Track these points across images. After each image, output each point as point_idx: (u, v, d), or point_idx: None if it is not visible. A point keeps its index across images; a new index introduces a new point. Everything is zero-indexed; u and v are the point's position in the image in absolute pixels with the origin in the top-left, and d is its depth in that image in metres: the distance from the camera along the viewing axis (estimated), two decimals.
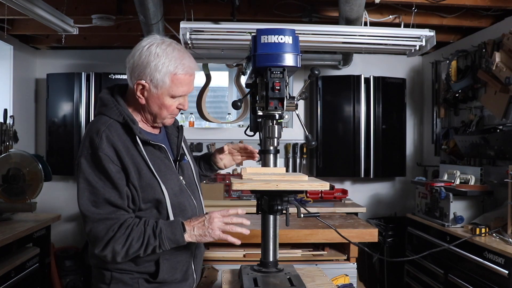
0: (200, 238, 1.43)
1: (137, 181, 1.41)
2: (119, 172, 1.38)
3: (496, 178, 3.08)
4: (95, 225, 1.36)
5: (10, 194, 2.98)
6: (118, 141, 1.40)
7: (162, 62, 1.42)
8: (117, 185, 1.37)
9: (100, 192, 1.36)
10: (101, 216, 1.36)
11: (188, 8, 3.17)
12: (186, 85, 1.48)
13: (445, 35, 3.86)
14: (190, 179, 1.63)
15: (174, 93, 1.46)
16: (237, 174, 4.24)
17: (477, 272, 2.72)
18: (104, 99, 1.50)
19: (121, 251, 1.36)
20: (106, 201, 1.36)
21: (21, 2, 2.65)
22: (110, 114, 1.46)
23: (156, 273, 1.46)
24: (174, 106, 1.50)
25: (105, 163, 1.36)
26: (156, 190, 1.44)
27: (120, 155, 1.39)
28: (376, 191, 4.56)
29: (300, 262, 2.42)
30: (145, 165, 1.43)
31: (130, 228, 1.37)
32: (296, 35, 1.65)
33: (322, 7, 3.40)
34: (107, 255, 1.37)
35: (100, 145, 1.37)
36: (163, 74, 1.42)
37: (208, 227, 1.42)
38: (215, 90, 4.85)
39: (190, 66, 1.47)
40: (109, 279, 1.45)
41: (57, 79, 4.12)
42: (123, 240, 1.36)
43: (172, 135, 1.65)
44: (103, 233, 1.35)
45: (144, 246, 1.37)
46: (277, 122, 1.71)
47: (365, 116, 4.18)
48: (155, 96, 1.46)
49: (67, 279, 3.92)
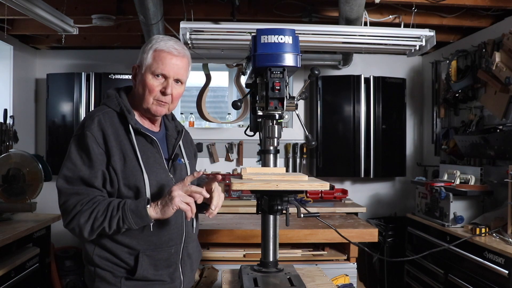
0: (162, 210, 1.40)
1: (119, 166, 1.45)
2: (102, 154, 1.44)
3: (496, 178, 3.08)
4: (66, 199, 1.42)
5: (10, 194, 2.98)
6: (109, 127, 1.47)
7: (151, 44, 1.53)
8: (95, 165, 1.43)
9: (76, 169, 1.43)
10: (73, 191, 1.42)
11: (188, 8, 3.17)
12: (168, 64, 1.51)
13: (445, 35, 3.86)
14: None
15: (154, 69, 1.51)
16: (237, 174, 4.24)
17: (477, 272, 2.72)
18: (109, 93, 1.59)
19: (86, 224, 1.39)
20: (79, 178, 1.42)
21: (21, 2, 2.65)
22: (109, 104, 1.54)
23: (135, 268, 1.46)
24: (157, 88, 1.52)
25: (89, 141, 1.43)
26: (137, 177, 1.47)
27: (106, 139, 1.45)
28: (376, 191, 4.56)
29: (300, 262, 2.42)
30: (132, 152, 1.48)
31: (97, 203, 1.41)
32: (296, 35, 1.65)
33: (322, 7, 3.40)
34: (74, 229, 1.41)
35: (89, 125, 1.45)
36: (147, 52, 1.53)
37: (167, 196, 1.40)
38: (215, 90, 4.85)
39: (174, 47, 1.53)
40: (93, 275, 1.48)
41: (57, 79, 4.12)
42: (88, 213, 1.39)
43: (171, 136, 1.66)
44: (71, 207, 1.41)
45: (108, 219, 1.39)
46: (277, 122, 1.71)
47: (365, 116, 4.18)
48: (140, 76, 1.53)
49: (67, 279, 3.92)
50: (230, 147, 4.42)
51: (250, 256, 2.45)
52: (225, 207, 3.59)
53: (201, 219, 1.81)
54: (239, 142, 4.41)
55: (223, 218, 2.94)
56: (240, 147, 4.40)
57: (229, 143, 4.42)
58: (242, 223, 2.74)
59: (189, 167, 1.68)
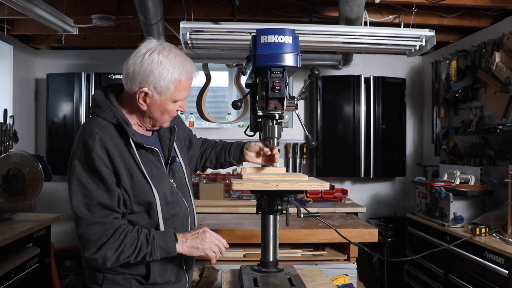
0: (191, 250, 1.46)
1: (128, 185, 1.41)
2: (111, 175, 1.38)
3: (496, 178, 3.08)
4: (88, 228, 1.36)
5: (10, 194, 2.98)
6: (111, 143, 1.40)
7: (166, 69, 1.41)
8: (109, 187, 1.38)
9: (93, 195, 1.36)
10: (95, 219, 1.36)
11: (188, 8, 3.17)
12: (188, 89, 1.50)
13: (445, 35, 3.86)
14: (181, 182, 1.61)
15: (176, 98, 1.47)
16: (237, 174, 4.24)
17: (477, 272, 2.72)
18: (97, 100, 1.48)
19: (113, 256, 1.37)
20: (99, 203, 1.37)
21: (21, 2, 2.65)
22: (104, 115, 1.45)
23: (148, 275, 1.47)
24: (175, 110, 1.51)
25: (98, 165, 1.36)
26: (147, 193, 1.44)
27: (112, 158, 1.39)
28: (376, 191, 4.56)
29: (300, 262, 2.42)
30: (137, 168, 1.44)
31: (124, 234, 1.38)
32: (296, 35, 1.65)
33: (322, 7, 3.40)
34: (97, 259, 1.37)
35: (93, 147, 1.37)
36: (167, 81, 1.42)
37: (201, 239, 1.46)
38: (215, 90, 4.85)
39: (192, 70, 1.48)
40: (101, 279, 1.46)
41: (57, 79, 4.12)
42: (116, 246, 1.36)
43: (164, 137, 1.62)
44: (96, 237, 1.36)
45: (136, 253, 1.39)
46: (277, 122, 1.71)
47: (365, 116, 4.18)
48: (158, 102, 1.45)
49: (67, 279, 3.92)
50: None
51: (250, 256, 2.45)
52: (225, 207, 3.60)
53: (201, 219, 1.81)
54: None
55: (223, 218, 2.94)
56: None
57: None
58: (242, 223, 2.74)
59: (184, 166, 1.67)
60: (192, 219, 1.62)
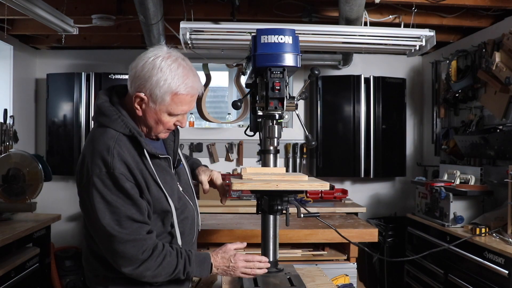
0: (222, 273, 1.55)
1: (148, 197, 1.40)
2: (134, 188, 1.36)
3: (496, 178, 3.08)
4: (123, 245, 1.33)
5: (10, 194, 2.98)
6: (128, 156, 1.37)
7: (164, 78, 1.35)
8: (136, 201, 1.36)
9: (121, 211, 1.33)
10: (130, 237, 1.33)
11: (188, 8, 3.17)
12: (187, 104, 1.42)
13: (445, 35, 3.86)
14: (186, 184, 1.61)
15: (173, 111, 1.41)
16: (237, 174, 4.23)
17: (477, 272, 2.72)
18: (104, 108, 1.41)
19: (148, 276, 1.38)
20: (128, 218, 1.34)
21: (21, 2, 2.65)
22: (115, 126, 1.39)
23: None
24: (172, 123, 1.45)
25: (122, 182, 1.33)
26: (163, 204, 1.43)
27: (132, 172, 1.36)
28: (376, 191, 4.56)
29: (300, 262, 2.42)
30: (152, 179, 1.41)
31: (162, 257, 1.38)
32: (296, 35, 1.65)
33: (322, 7, 3.40)
34: (132, 274, 1.37)
35: (114, 165, 1.33)
36: (163, 91, 1.36)
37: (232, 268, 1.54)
38: (215, 90, 4.85)
39: (193, 86, 1.41)
40: (104, 281, 1.45)
41: (57, 79, 4.12)
42: (154, 267, 1.37)
43: (168, 139, 1.58)
44: (131, 254, 1.34)
45: (170, 277, 1.42)
46: (277, 122, 1.71)
47: (365, 116, 4.18)
48: (152, 110, 1.40)
49: (67, 279, 3.92)
50: (230, 147, 4.42)
51: None
52: (225, 207, 3.59)
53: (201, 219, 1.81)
54: (239, 142, 4.41)
55: (223, 218, 2.94)
56: (240, 147, 4.40)
57: (229, 143, 4.42)
58: (242, 223, 2.74)
59: (186, 166, 1.66)
60: (198, 220, 1.63)
